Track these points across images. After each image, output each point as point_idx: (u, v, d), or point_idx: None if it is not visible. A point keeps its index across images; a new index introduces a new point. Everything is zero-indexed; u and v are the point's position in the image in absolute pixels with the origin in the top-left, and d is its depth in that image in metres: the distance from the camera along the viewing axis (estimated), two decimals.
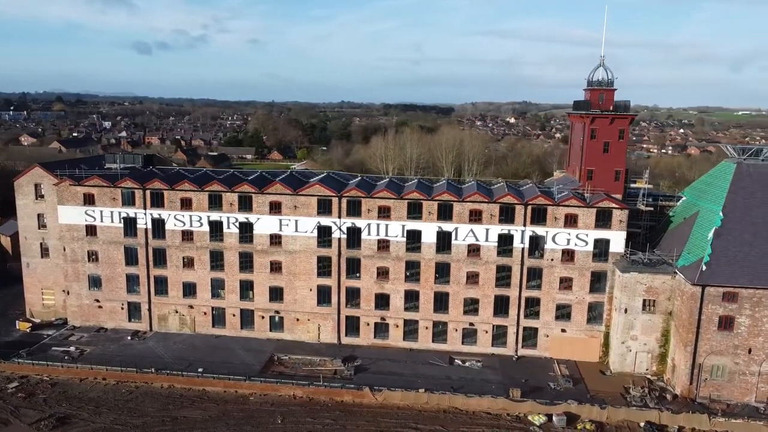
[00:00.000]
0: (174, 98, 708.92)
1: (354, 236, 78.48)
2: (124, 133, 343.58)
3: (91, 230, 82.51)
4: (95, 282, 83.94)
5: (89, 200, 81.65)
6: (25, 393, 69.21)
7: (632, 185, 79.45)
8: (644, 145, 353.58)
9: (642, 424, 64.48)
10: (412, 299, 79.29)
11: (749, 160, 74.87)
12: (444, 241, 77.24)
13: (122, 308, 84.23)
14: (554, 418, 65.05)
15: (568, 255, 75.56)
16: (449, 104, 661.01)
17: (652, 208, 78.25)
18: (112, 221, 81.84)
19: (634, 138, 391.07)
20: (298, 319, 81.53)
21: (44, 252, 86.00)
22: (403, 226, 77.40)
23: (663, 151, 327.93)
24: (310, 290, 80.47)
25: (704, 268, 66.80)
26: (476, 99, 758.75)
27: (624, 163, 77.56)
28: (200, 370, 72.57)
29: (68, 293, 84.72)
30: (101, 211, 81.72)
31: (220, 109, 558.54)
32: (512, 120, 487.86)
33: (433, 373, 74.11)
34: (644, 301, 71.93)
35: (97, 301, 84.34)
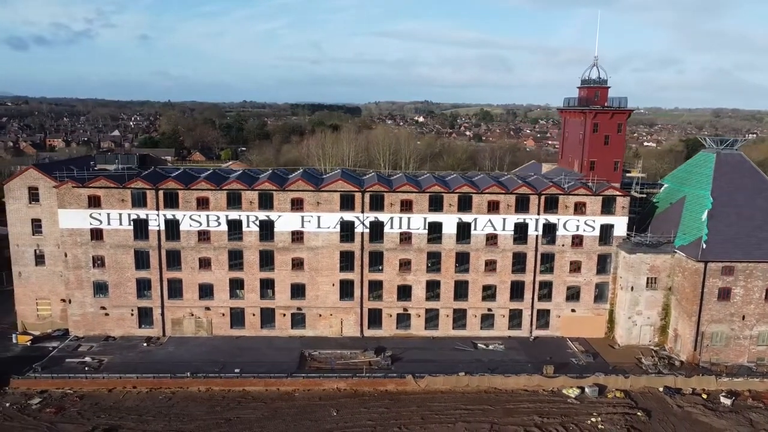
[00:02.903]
0: (59, 98, 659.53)
1: (377, 230, 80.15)
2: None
3: (96, 234, 78.14)
4: (101, 288, 79.53)
5: (95, 203, 77.30)
6: (54, 408, 64.98)
7: (627, 174, 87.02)
8: (549, 141, 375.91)
9: (661, 389, 71.69)
10: (433, 289, 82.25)
11: (725, 150, 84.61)
12: (463, 231, 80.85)
13: (132, 314, 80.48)
14: (587, 390, 70.69)
15: (577, 240, 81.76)
16: (353, 104, 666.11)
17: (645, 195, 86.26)
18: (121, 224, 78.04)
19: (539, 135, 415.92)
20: (320, 315, 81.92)
21: (39, 260, 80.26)
22: (425, 219, 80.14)
23: None
24: (333, 285, 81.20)
25: (704, 246, 75.13)
26: (379, 99, 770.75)
27: (622, 154, 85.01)
28: (237, 370, 71.46)
29: (70, 302, 79.65)
30: (108, 214, 77.66)
31: (118, 109, 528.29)
32: (421, 119, 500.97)
33: (463, 357, 77.51)
34: (648, 278, 79.49)
35: (104, 308, 79.98)
